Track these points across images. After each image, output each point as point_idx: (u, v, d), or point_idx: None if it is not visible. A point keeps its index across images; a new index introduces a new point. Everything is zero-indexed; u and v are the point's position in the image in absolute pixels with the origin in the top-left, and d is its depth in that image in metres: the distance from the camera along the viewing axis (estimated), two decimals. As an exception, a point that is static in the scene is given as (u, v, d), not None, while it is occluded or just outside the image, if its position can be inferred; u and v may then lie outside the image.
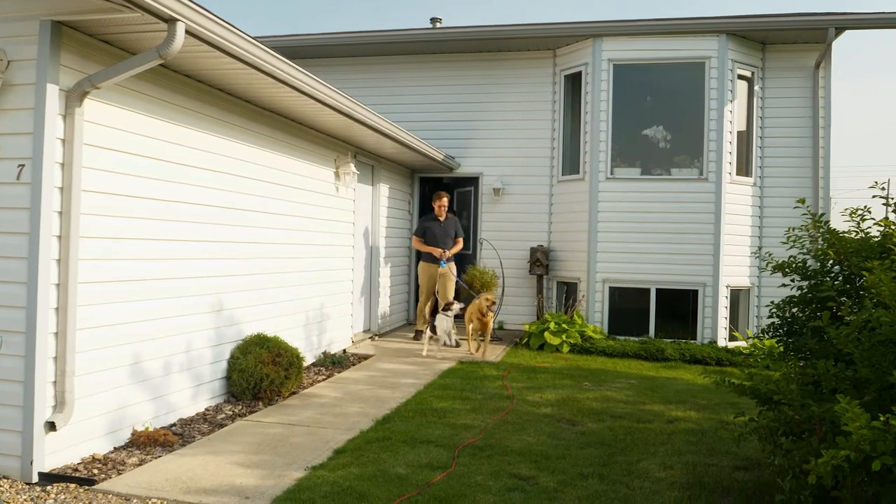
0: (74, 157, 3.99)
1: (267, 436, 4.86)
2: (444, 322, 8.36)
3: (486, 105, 10.99)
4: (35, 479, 3.86)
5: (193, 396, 5.40)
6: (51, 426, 3.92)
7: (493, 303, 8.08)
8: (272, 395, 5.82)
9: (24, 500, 3.61)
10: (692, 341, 9.29)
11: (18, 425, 3.87)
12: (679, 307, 9.58)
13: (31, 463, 3.85)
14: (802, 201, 4.44)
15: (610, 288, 9.76)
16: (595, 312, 9.70)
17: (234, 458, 4.35)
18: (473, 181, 11.22)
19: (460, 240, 9.41)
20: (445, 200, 9.27)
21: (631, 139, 9.92)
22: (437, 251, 9.04)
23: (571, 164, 10.42)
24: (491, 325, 8.33)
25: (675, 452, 4.72)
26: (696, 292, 9.50)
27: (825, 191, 9.68)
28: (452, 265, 9.34)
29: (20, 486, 3.78)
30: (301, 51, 10.95)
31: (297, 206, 7.05)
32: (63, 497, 3.67)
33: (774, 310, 4.16)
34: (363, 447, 4.61)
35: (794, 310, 4.05)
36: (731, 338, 9.56)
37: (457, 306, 8.38)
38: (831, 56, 9.62)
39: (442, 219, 9.23)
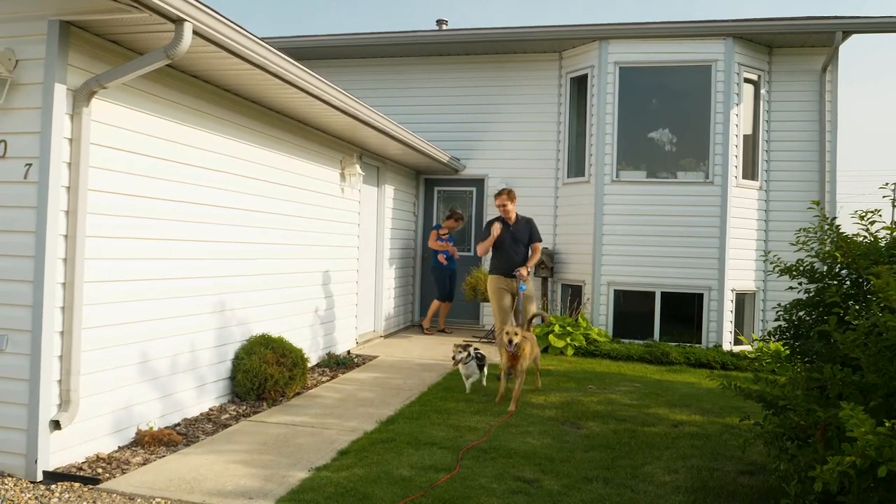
0: (81, 157, 4.00)
1: (271, 436, 4.86)
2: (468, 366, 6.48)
3: (491, 107, 10.99)
4: (40, 477, 3.86)
5: (198, 396, 5.40)
6: (55, 425, 3.93)
7: (517, 335, 5.97)
8: (276, 395, 5.82)
9: (29, 498, 3.62)
10: (697, 345, 9.27)
11: (23, 424, 3.88)
12: (684, 311, 9.56)
13: (36, 461, 3.86)
14: (817, 203, 4.43)
15: (615, 291, 9.73)
16: (600, 315, 9.68)
17: (238, 459, 4.35)
18: (479, 183, 11.21)
19: (538, 246, 7.41)
20: (505, 198, 7.39)
21: (636, 142, 9.90)
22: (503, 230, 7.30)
23: (577, 166, 10.41)
24: (524, 364, 6.10)
25: (680, 456, 4.70)
26: (701, 296, 9.47)
27: (832, 195, 9.65)
28: (530, 282, 7.32)
29: (25, 485, 3.79)
30: (307, 52, 10.96)
31: (302, 207, 7.06)
32: (67, 496, 3.67)
33: (781, 312, 4.15)
34: (367, 448, 4.61)
35: (801, 313, 4.04)
36: (737, 342, 9.53)
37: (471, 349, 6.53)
38: (838, 60, 9.59)
39: (511, 221, 7.41)
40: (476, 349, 6.67)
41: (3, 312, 3.93)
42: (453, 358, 6.47)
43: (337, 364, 7.55)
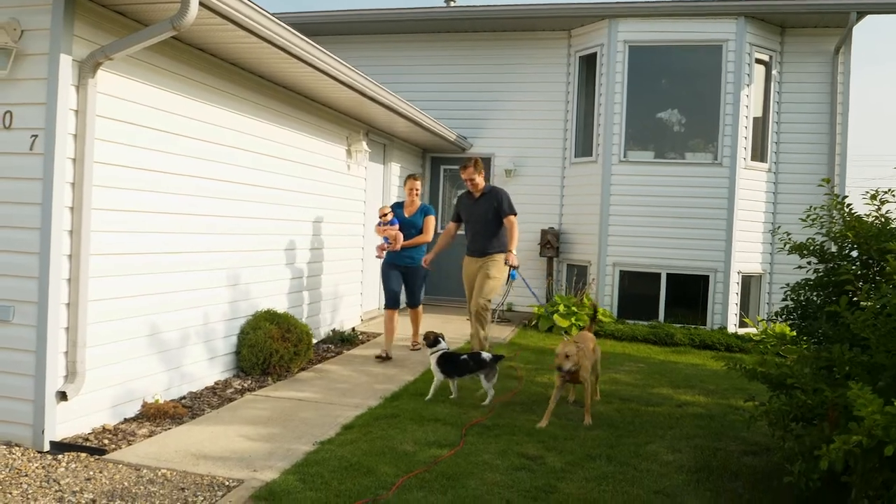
0: (87, 129, 3.98)
1: (276, 410, 4.88)
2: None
3: (499, 85, 10.89)
4: (47, 447, 3.89)
5: (203, 370, 5.42)
6: (62, 396, 3.95)
7: (567, 357, 4.81)
8: (281, 370, 5.84)
9: (36, 468, 3.65)
10: (702, 327, 9.25)
11: (30, 394, 3.90)
12: (689, 292, 9.53)
13: (43, 432, 3.88)
14: (827, 181, 4.39)
15: (620, 272, 9.71)
16: (605, 296, 9.67)
17: (243, 432, 4.37)
18: (485, 162, 11.14)
19: (510, 219, 6.25)
20: (471, 170, 6.31)
21: (645, 122, 9.82)
22: None
23: (584, 146, 10.34)
24: (585, 374, 4.96)
25: (683, 436, 4.71)
26: (706, 278, 9.44)
27: (841, 178, 9.56)
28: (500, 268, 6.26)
29: (32, 455, 3.82)
30: (315, 28, 10.86)
31: (308, 183, 7.03)
32: (74, 466, 3.70)
33: (789, 292, 4.12)
34: (371, 423, 4.63)
35: (811, 293, 4.01)
36: (742, 324, 9.51)
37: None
38: (852, 41, 9.46)
39: (477, 194, 6.38)
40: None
41: (10, 284, 3.94)
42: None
43: (342, 340, 7.56)
